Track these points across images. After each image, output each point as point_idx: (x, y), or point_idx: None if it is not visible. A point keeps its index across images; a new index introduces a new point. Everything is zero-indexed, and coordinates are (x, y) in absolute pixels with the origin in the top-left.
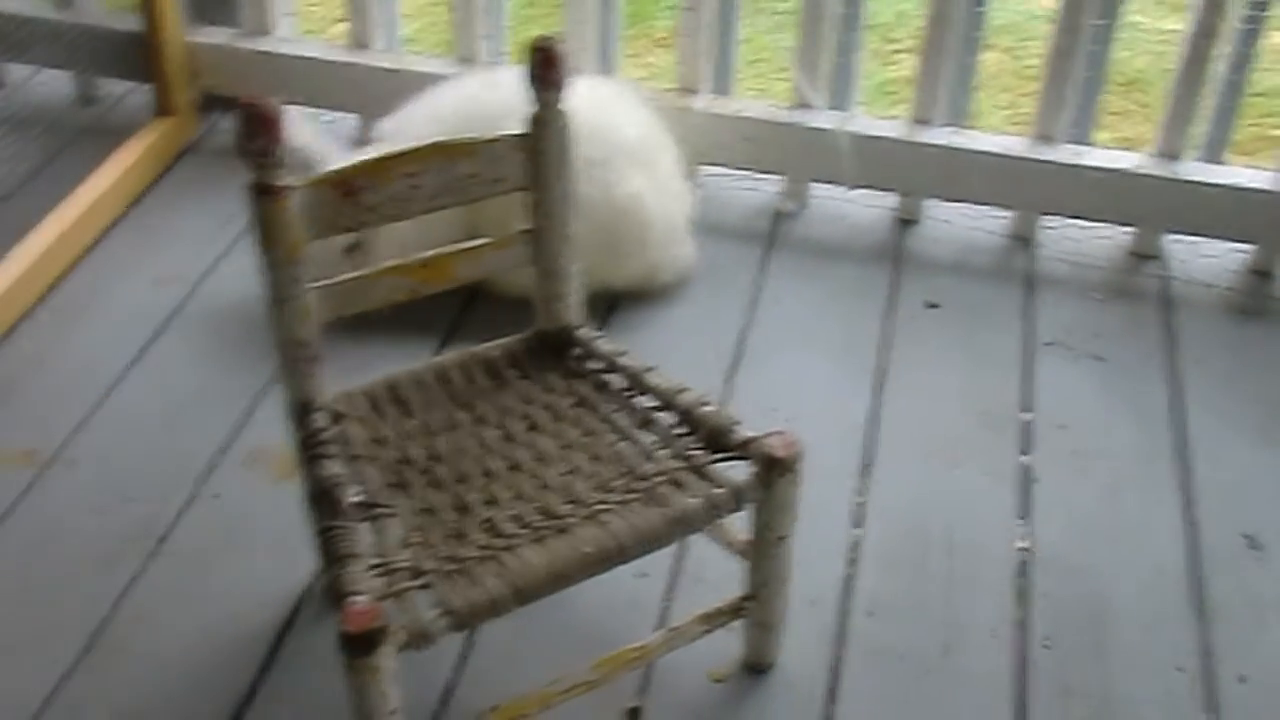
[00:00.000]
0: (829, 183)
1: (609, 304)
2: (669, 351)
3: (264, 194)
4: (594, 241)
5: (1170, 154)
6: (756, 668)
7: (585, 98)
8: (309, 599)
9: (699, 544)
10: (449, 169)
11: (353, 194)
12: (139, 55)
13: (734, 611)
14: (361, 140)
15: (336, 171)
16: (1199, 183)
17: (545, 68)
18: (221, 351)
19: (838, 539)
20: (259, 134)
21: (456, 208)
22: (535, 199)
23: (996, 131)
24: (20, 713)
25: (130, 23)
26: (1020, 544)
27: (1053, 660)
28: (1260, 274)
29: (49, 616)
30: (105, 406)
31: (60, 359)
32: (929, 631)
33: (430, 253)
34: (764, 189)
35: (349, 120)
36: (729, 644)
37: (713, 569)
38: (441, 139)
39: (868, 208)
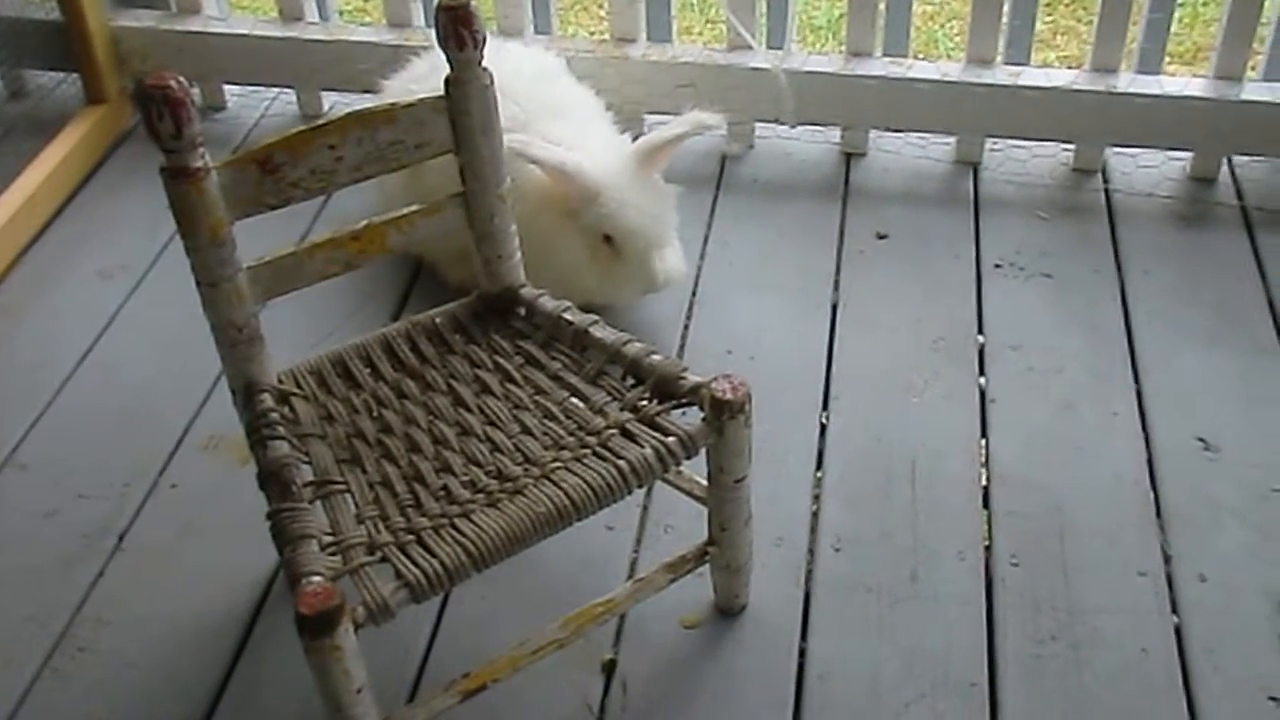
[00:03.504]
0: (772, 122)
1: None
2: (623, 304)
3: (179, 177)
4: None
5: (1106, 68)
6: (728, 611)
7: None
8: (278, 581)
9: (666, 493)
10: (370, 138)
11: (274, 170)
12: (63, 45)
13: (699, 558)
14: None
15: (254, 150)
16: (1135, 94)
17: (457, 27)
18: (172, 339)
19: (801, 476)
20: (166, 115)
21: None
22: (462, 161)
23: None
24: None
25: (51, 11)
26: (981, 465)
27: (1020, 577)
28: (1200, 180)
29: (9, 624)
30: (55, 405)
31: (5, 360)
32: (897, 560)
33: (361, 224)
34: (708, 133)
35: (286, 96)
36: (701, 590)
37: (681, 517)
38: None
39: (813, 144)
